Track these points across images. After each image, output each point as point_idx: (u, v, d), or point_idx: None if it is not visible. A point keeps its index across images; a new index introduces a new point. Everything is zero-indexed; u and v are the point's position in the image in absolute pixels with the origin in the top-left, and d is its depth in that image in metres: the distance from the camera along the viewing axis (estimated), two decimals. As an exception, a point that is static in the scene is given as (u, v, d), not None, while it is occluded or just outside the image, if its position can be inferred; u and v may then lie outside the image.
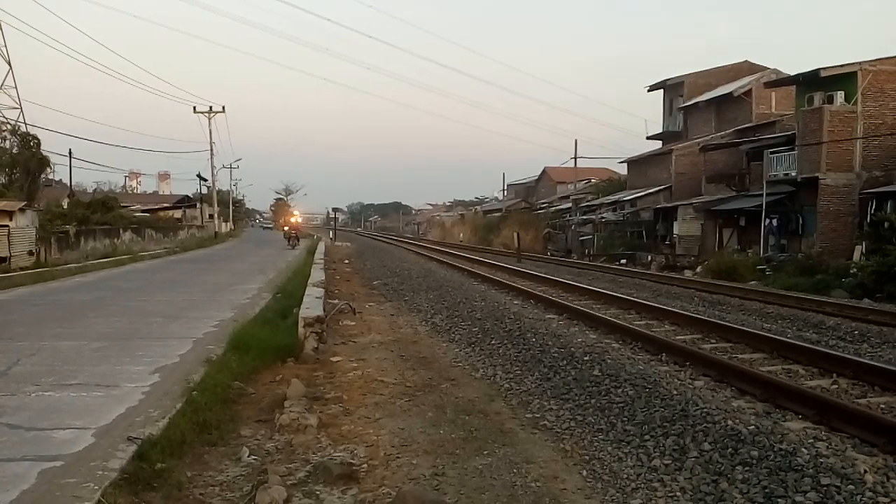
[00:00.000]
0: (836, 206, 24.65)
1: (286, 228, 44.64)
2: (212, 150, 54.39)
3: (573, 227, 43.91)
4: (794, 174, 26.02)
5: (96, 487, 4.30)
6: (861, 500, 4.29)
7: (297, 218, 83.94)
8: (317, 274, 16.94)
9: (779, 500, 4.44)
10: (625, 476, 5.17)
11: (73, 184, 42.69)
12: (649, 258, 32.17)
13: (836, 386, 7.36)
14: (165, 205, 62.07)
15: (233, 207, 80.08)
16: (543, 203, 60.69)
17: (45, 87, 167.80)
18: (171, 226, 46.98)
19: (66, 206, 34.02)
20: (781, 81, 30.87)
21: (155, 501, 4.42)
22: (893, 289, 17.67)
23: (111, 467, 4.67)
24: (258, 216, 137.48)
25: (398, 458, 5.46)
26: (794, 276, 21.26)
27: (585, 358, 8.30)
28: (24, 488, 4.31)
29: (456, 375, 8.43)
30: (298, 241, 40.11)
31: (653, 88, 45.54)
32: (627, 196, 41.13)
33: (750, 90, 35.81)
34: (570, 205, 48.91)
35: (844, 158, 24.77)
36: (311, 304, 10.93)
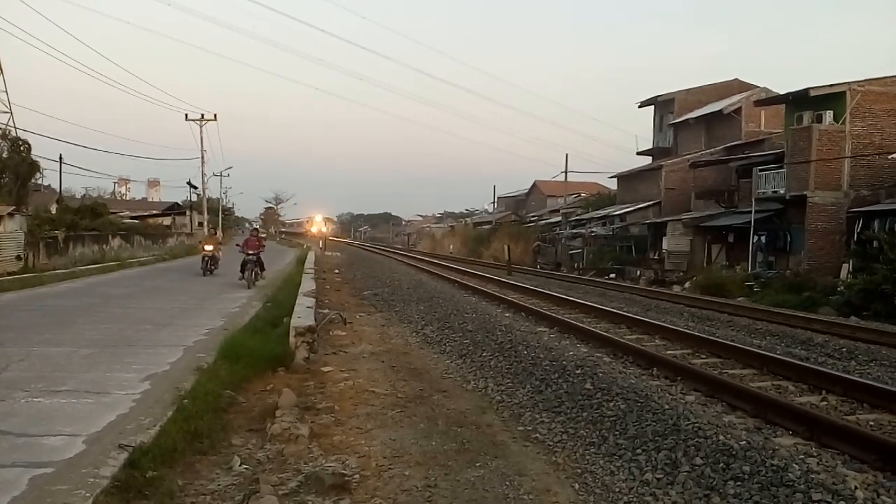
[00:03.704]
0: (824, 224, 24.87)
1: (207, 249, 24.29)
2: (203, 157, 54.15)
3: (563, 241, 44.03)
4: (782, 192, 26.24)
5: (88, 494, 4.28)
6: (852, 516, 4.33)
7: (319, 227, 72.34)
8: (307, 283, 16.90)
9: (770, 515, 4.47)
10: (617, 490, 5.18)
11: (62, 189, 42.49)
12: (638, 273, 32.31)
13: (826, 402, 7.42)
14: (154, 212, 61.84)
15: (222, 215, 79.77)
16: (533, 216, 60.96)
17: (36, 91, 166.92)
18: (160, 233, 46.75)
19: (54, 212, 33.84)
20: (771, 100, 31.17)
21: (146, 510, 4.39)
22: (880, 307, 17.83)
23: (102, 475, 4.65)
24: (247, 224, 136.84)
25: (390, 468, 5.45)
26: (782, 293, 21.40)
27: (577, 371, 8.32)
28: (15, 495, 4.28)
29: (447, 387, 8.42)
30: (262, 269, 21.27)
31: (643, 104, 45.89)
32: (617, 211, 41.35)
33: (740, 108, 36.20)
34: (560, 218, 49.13)
35: (832, 177, 25.02)
36: (302, 314, 10.89)
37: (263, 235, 29.01)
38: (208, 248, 24.37)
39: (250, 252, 20.55)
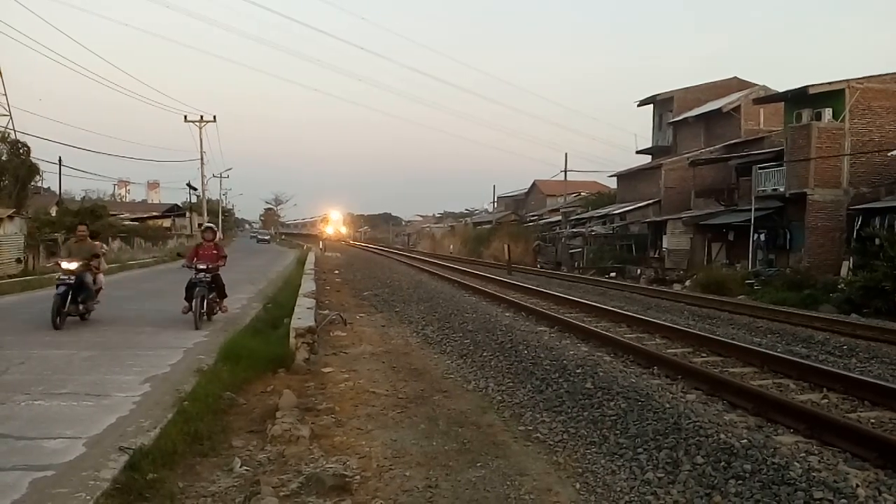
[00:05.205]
0: (824, 221, 24.88)
1: (68, 268, 11.47)
2: (202, 159, 54.17)
3: (563, 240, 44.03)
4: (782, 190, 26.24)
5: (88, 497, 4.28)
6: (853, 514, 4.32)
7: (336, 227, 52.68)
8: (307, 284, 16.88)
9: (772, 513, 4.46)
10: (618, 489, 5.17)
11: (61, 191, 42.49)
12: (639, 271, 32.30)
13: (827, 400, 7.41)
14: (154, 213, 61.95)
15: (222, 217, 79.78)
16: (533, 216, 60.97)
17: (35, 94, 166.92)
18: (159, 235, 46.81)
19: (54, 214, 33.84)
20: (770, 98, 31.18)
21: (147, 512, 4.39)
22: (881, 304, 17.82)
23: (103, 477, 4.65)
24: (247, 225, 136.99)
25: (391, 469, 5.44)
26: (783, 291, 21.39)
27: (577, 370, 8.31)
28: (16, 498, 4.28)
29: (448, 387, 8.41)
30: (221, 296, 12.80)
31: (643, 103, 45.90)
32: (617, 210, 41.34)
33: (739, 106, 36.22)
34: (559, 218, 49.15)
35: (832, 175, 25.03)
36: (303, 315, 10.88)
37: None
38: (69, 266, 11.66)
39: (201, 267, 12.20)
